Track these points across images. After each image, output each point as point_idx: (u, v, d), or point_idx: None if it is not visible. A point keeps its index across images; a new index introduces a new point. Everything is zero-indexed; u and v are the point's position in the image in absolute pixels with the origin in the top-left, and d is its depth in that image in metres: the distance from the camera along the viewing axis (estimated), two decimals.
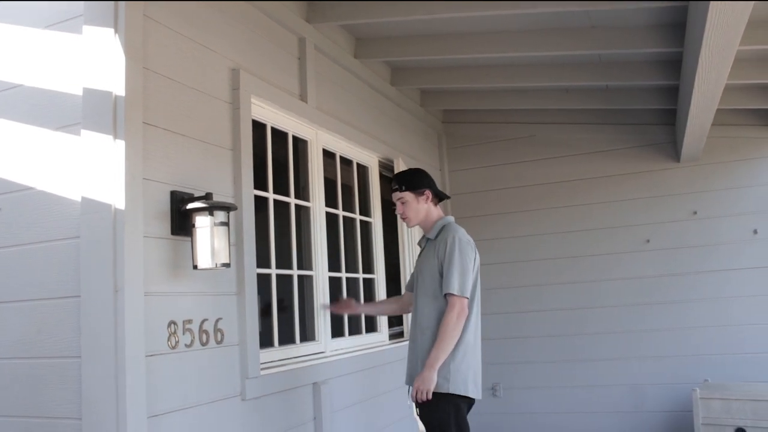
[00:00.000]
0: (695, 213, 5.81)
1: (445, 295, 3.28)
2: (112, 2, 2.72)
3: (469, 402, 3.36)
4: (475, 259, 3.41)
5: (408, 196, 3.52)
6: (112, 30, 2.71)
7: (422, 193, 3.53)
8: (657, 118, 5.91)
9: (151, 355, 2.69)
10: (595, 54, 4.82)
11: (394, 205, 3.62)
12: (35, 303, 2.80)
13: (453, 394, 3.25)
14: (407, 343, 4.99)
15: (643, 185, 6.00)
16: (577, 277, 6.09)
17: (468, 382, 3.30)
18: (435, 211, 3.56)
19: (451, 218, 3.54)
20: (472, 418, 3.43)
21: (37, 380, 2.76)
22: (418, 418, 3.37)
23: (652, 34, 4.36)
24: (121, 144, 2.64)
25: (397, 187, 3.54)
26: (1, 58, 3.09)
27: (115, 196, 2.61)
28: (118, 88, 2.67)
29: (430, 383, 3.21)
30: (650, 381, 5.82)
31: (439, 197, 3.61)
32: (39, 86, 2.93)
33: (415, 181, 3.55)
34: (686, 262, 5.80)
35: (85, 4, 2.79)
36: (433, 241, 3.47)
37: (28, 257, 2.85)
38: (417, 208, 3.52)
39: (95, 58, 2.74)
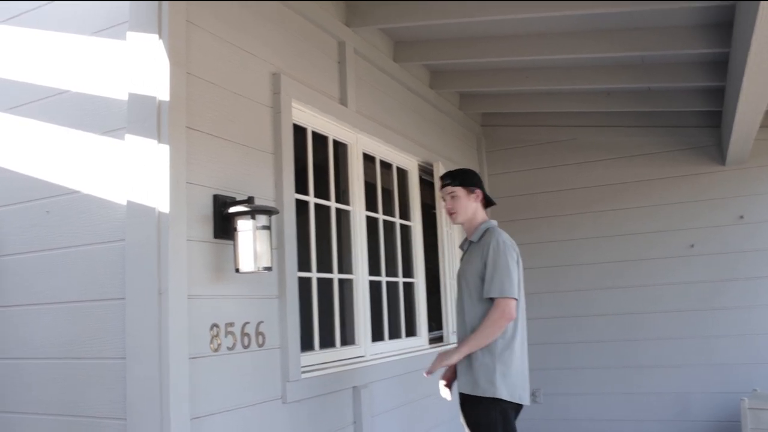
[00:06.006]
0: (742, 217, 5.68)
1: (491, 298, 3.25)
2: (156, 9, 2.76)
3: (517, 408, 3.32)
4: (518, 262, 3.38)
5: (460, 191, 3.51)
6: (156, 36, 2.75)
7: (473, 191, 3.52)
8: (701, 120, 5.80)
9: (194, 358, 2.71)
10: (638, 55, 4.75)
11: (443, 200, 3.62)
12: (82, 304, 2.85)
13: (500, 400, 3.21)
14: (447, 347, 4.98)
15: (687, 189, 5.89)
16: (620, 283, 6.00)
17: (516, 387, 3.26)
18: (481, 213, 3.55)
19: (494, 222, 3.52)
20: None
21: (83, 380, 2.81)
22: (464, 423, 3.33)
23: (697, 35, 4.29)
24: (165, 148, 2.67)
25: (449, 181, 3.55)
26: (50, 65, 3.15)
27: (160, 200, 2.64)
28: (162, 93, 2.70)
29: (445, 361, 3.28)
30: (696, 389, 5.70)
31: (487, 201, 3.59)
32: (85, 92, 2.98)
33: (469, 178, 3.56)
34: (733, 267, 5.68)
35: (130, 11, 2.84)
36: (476, 244, 3.44)
37: (75, 259, 2.90)
38: (466, 205, 3.51)
39: (140, 64, 2.78)
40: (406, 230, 5.07)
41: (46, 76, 3.15)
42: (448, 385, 3.51)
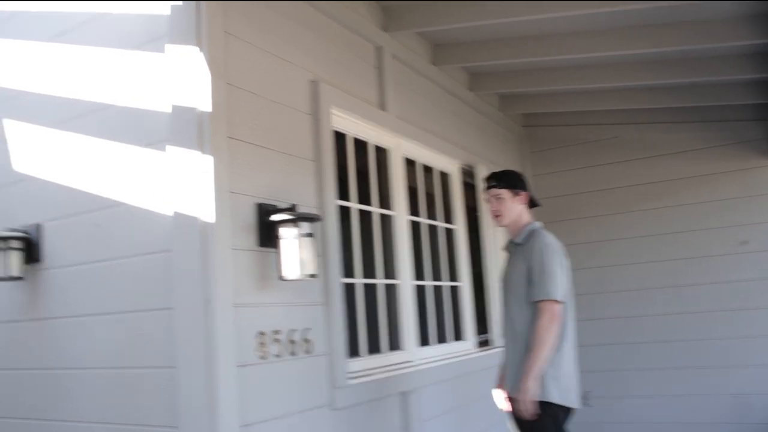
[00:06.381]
0: None
1: (536, 301, 3.21)
2: (194, 22, 2.79)
3: (567, 412, 3.26)
4: (564, 264, 3.32)
5: (506, 193, 3.47)
6: (196, 48, 2.77)
7: (518, 193, 3.49)
8: (748, 113, 5.65)
9: (242, 366, 2.73)
10: (680, 50, 4.65)
11: (489, 202, 3.57)
12: (131, 315, 2.89)
13: (550, 403, 3.16)
14: (494, 351, 4.94)
15: (737, 184, 5.72)
16: (671, 282, 5.86)
17: (567, 390, 3.21)
18: (526, 215, 3.51)
19: (539, 224, 3.48)
20: None
21: (134, 389, 2.85)
22: (514, 428, 3.29)
23: (742, 26, 4.19)
24: (208, 159, 2.69)
25: (495, 183, 3.51)
26: (94, 80, 3.21)
27: (204, 210, 2.67)
28: (204, 104, 2.73)
29: (528, 393, 3.12)
30: (756, 390, 5.52)
31: (531, 203, 3.55)
32: (129, 105, 3.03)
33: (514, 180, 3.53)
34: None
35: (169, 24, 2.88)
36: (521, 246, 3.41)
37: (123, 271, 2.94)
38: (512, 207, 3.48)
39: (180, 76, 2.81)
40: (449, 234, 5.04)
41: (91, 91, 3.21)
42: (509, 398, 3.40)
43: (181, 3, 2.84)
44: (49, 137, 3.37)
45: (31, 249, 3.32)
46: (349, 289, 3.68)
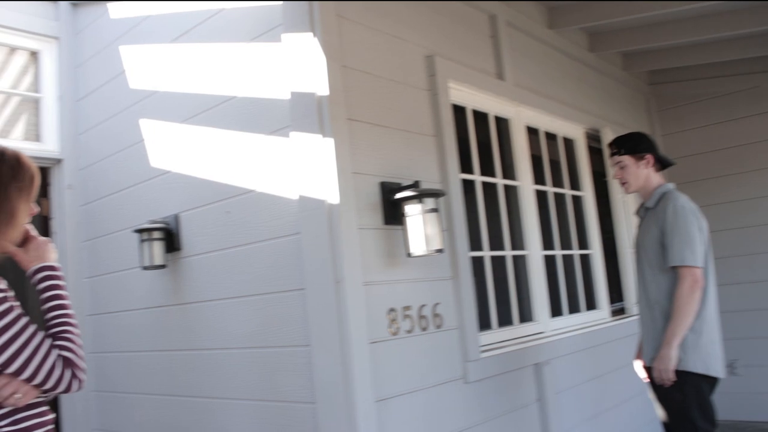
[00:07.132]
0: None
1: (673, 267, 3.07)
2: (307, 9, 2.84)
3: (711, 382, 3.12)
4: (701, 226, 3.16)
5: (627, 160, 3.35)
6: (310, 34, 2.83)
7: (642, 158, 3.34)
8: None
9: (375, 342, 2.78)
10: None
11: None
12: (266, 297, 3.01)
13: (691, 373, 3.03)
14: (630, 319, 4.80)
15: None
16: None
17: (708, 359, 3.06)
18: (656, 178, 3.35)
19: (671, 185, 3.32)
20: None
21: (272, 367, 2.97)
22: (655, 399, 3.18)
23: None
24: (329, 141, 2.75)
25: (615, 150, 3.39)
26: (216, 75, 3.34)
27: (329, 192, 2.73)
28: (322, 88, 2.78)
29: (668, 362, 3.01)
30: None
31: (662, 163, 3.40)
32: (250, 95, 3.14)
33: (635, 144, 3.38)
34: None
35: (282, 13, 2.94)
36: (652, 210, 3.27)
37: (256, 254, 3.07)
38: (637, 173, 3.34)
39: (297, 63, 2.87)
40: (577, 201, 4.91)
41: (215, 85, 3.34)
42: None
43: None
44: (180, 132, 3.54)
45: (171, 239, 3.53)
46: (477, 262, 3.67)
